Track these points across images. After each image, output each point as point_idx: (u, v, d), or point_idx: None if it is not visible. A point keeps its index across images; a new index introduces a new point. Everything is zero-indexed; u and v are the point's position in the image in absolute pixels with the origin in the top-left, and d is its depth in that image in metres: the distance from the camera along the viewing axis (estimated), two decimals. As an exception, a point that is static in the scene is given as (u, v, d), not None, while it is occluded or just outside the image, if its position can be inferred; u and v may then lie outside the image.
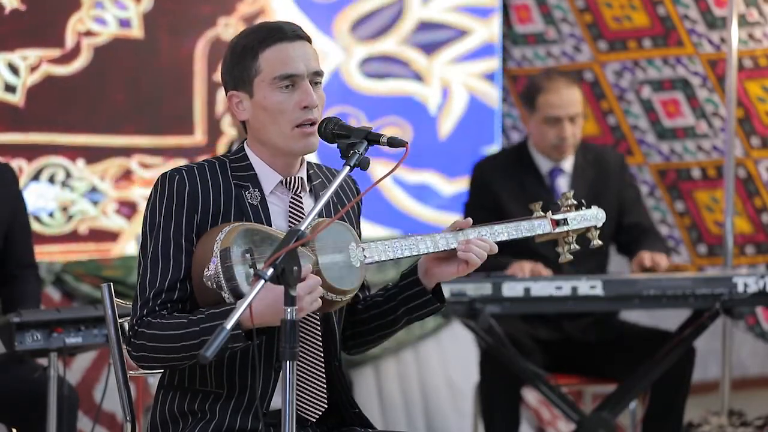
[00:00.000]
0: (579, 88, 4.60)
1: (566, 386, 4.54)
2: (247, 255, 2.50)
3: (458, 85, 5.83)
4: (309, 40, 2.71)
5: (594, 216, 2.92)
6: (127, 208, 4.92)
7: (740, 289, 4.14)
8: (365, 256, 2.64)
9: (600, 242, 2.93)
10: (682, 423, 4.48)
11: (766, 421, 4.75)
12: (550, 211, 2.87)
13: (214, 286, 2.51)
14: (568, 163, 4.61)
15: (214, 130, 5.11)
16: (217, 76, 5.03)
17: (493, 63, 5.88)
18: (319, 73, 2.69)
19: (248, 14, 5.18)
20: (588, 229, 2.92)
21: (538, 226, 2.85)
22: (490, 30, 5.85)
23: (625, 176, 4.72)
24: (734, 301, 4.14)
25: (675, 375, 4.37)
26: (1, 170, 4.08)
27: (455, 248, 2.70)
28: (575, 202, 2.91)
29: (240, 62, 2.68)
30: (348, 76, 5.51)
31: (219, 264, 2.49)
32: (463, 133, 5.81)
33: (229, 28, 5.12)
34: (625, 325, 4.70)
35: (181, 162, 5.01)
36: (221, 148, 5.13)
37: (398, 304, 2.79)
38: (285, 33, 2.67)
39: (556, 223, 2.86)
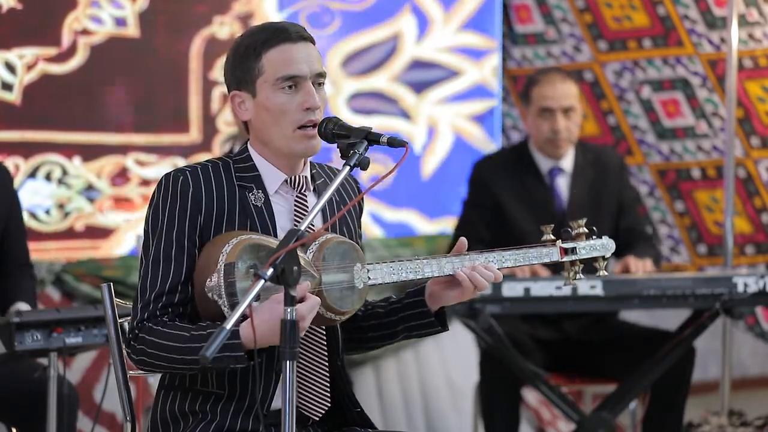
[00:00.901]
0: (575, 84, 4.61)
1: (566, 386, 4.54)
2: (251, 271, 2.50)
3: (445, 125, 5.81)
4: (312, 41, 2.71)
5: (603, 246, 2.91)
6: (123, 205, 4.94)
7: (740, 289, 4.14)
8: (369, 278, 2.63)
9: (606, 273, 2.93)
10: (682, 423, 4.48)
11: (766, 421, 4.75)
12: (560, 240, 2.85)
13: (215, 298, 2.50)
14: (568, 163, 4.62)
15: (209, 128, 5.14)
16: (213, 75, 5.07)
17: (483, 105, 5.87)
18: (322, 75, 2.69)
19: (243, 13, 5.21)
20: (595, 258, 2.91)
21: (546, 254, 2.83)
22: (482, 72, 5.86)
23: (624, 177, 4.72)
24: (734, 301, 4.15)
25: (675, 375, 4.37)
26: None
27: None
28: (586, 231, 2.90)
29: (243, 62, 2.68)
30: (335, 111, 5.51)
31: (222, 278, 2.49)
32: (446, 174, 5.78)
33: (224, 27, 5.14)
34: (625, 325, 4.70)
35: (176, 159, 5.05)
36: (216, 145, 5.14)
37: (399, 320, 2.78)
38: (289, 34, 2.67)
39: (565, 251, 2.85)
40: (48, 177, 4.78)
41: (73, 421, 3.79)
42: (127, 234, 4.97)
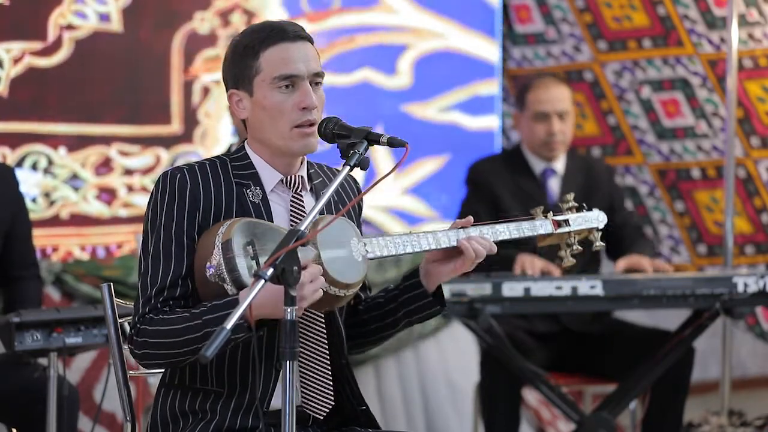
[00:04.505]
0: (569, 89, 4.68)
1: (566, 386, 4.54)
2: (249, 247, 2.50)
3: None
4: (311, 40, 2.71)
5: (595, 218, 2.92)
6: (107, 194, 5.02)
7: (740, 289, 4.14)
8: (367, 251, 2.63)
9: (602, 243, 2.93)
10: (681, 423, 4.49)
11: (766, 421, 4.75)
12: (551, 212, 2.86)
13: (217, 279, 2.50)
14: (559, 165, 4.70)
15: (190, 120, 5.23)
16: (194, 69, 5.12)
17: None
18: (319, 75, 2.69)
19: (224, 9, 5.27)
20: (590, 230, 2.91)
21: (540, 226, 2.85)
22: None
23: (613, 180, 4.79)
24: (734, 301, 4.15)
25: (675, 375, 4.37)
26: (1, 171, 4.09)
27: (456, 246, 2.70)
28: (576, 204, 2.91)
29: (241, 61, 2.68)
30: None
31: (221, 256, 2.49)
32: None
33: (205, 22, 5.22)
34: (623, 322, 4.72)
35: (158, 150, 5.12)
36: (197, 137, 5.22)
37: (399, 305, 2.79)
38: (287, 33, 2.67)
39: (558, 224, 2.86)
40: (34, 166, 4.86)
41: (73, 421, 3.79)
42: (111, 222, 5.05)
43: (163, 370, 2.75)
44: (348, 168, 2.57)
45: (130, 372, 2.89)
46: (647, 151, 5.47)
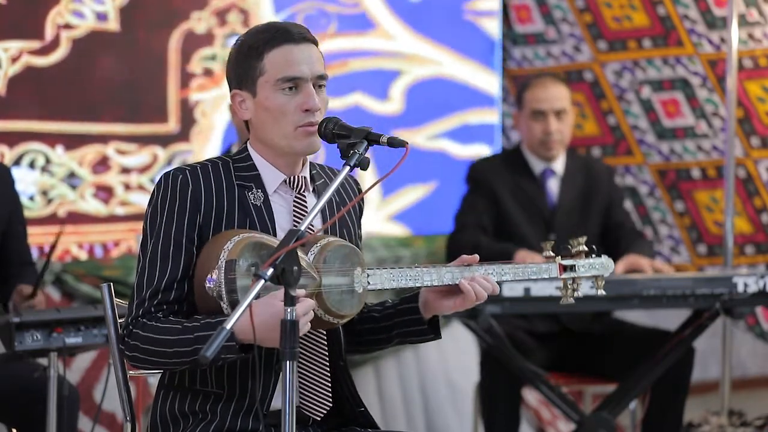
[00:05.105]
0: (567, 88, 4.69)
1: (566, 386, 4.54)
2: (252, 269, 2.50)
3: None
4: (315, 42, 2.71)
5: (602, 265, 2.90)
6: (104, 192, 5.04)
7: (740, 289, 4.14)
8: (369, 283, 2.63)
9: (604, 292, 2.93)
10: (682, 423, 4.49)
11: (766, 421, 4.75)
12: (559, 257, 2.85)
13: (214, 295, 2.50)
14: (559, 165, 4.71)
15: (187, 118, 5.25)
16: (190, 68, 5.15)
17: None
18: (323, 77, 2.69)
19: (220, 8, 5.29)
20: (594, 277, 2.91)
21: (545, 270, 2.83)
22: None
23: (613, 181, 4.80)
24: (734, 301, 4.15)
25: (675, 375, 4.37)
26: (-1, 170, 4.10)
27: (457, 283, 2.68)
28: (585, 249, 2.89)
29: (245, 62, 2.68)
30: None
31: (223, 274, 2.49)
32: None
33: (201, 22, 5.24)
34: (624, 322, 4.72)
35: (155, 148, 5.14)
36: (194, 135, 5.24)
37: (393, 325, 2.78)
38: (291, 35, 2.67)
39: (564, 268, 2.85)
40: (32, 165, 4.89)
41: (73, 421, 3.79)
42: (108, 221, 5.08)
43: (161, 371, 2.75)
44: (348, 168, 2.57)
45: (130, 372, 2.89)
46: (647, 151, 5.47)
